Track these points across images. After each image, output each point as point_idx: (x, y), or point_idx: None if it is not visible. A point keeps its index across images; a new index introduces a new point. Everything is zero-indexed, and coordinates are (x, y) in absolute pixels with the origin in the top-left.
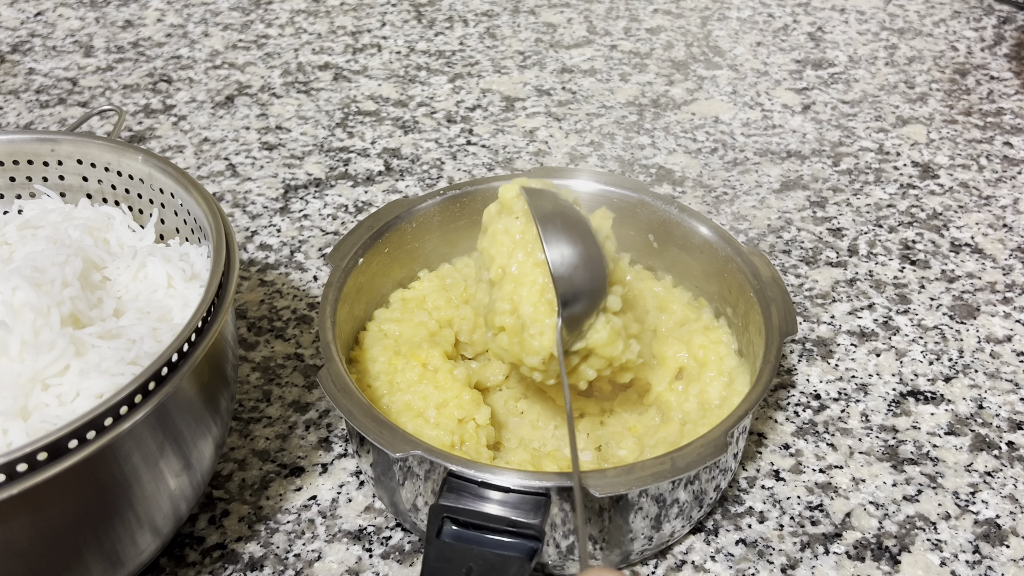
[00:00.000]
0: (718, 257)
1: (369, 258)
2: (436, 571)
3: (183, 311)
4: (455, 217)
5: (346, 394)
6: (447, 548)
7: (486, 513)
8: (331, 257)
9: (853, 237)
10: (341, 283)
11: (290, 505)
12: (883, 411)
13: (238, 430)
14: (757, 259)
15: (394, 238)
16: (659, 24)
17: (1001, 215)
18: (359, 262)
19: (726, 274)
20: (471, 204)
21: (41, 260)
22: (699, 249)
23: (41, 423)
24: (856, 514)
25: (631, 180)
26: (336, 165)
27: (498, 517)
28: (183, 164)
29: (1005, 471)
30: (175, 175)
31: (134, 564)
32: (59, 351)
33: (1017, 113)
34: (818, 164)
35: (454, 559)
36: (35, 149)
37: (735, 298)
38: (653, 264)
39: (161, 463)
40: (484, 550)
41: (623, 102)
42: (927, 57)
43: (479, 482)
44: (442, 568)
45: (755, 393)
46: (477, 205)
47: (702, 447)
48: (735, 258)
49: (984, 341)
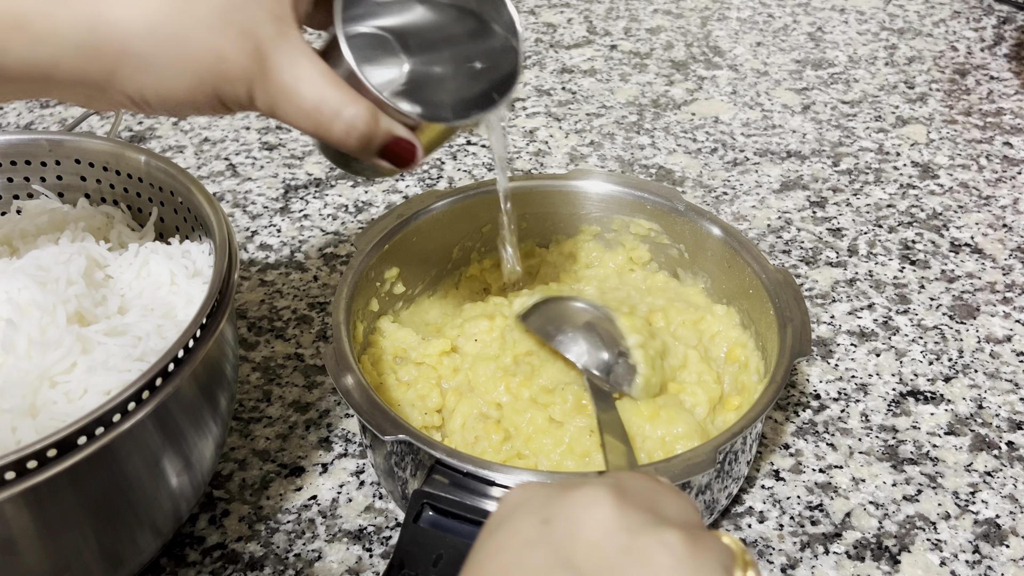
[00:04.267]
0: (746, 273)
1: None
2: (406, 555)
3: (187, 308)
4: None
5: (346, 373)
6: (421, 533)
7: (465, 503)
8: (357, 241)
9: (853, 237)
10: (363, 267)
11: (290, 505)
12: (883, 411)
13: (238, 430)
14: (782, 278)
15: (424, 227)
16: (659, 24)
17: (1001, 215)
18: (384, 247)
19: (752, 290)
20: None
21: (45, 258)
22: (727, 263)
23: (50, 420)
24: (856, 514)
25: (665, 188)
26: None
27: (477, 508)
28: (183, 164)
29: (1005, 471)
30: (175, 174)
31: (134, 563)
32: (66, 348)
33: (1017, 113)
34: (818, 164)
35: (426, 544)
36: (33, 149)
37: (758, 315)
38: (683, 275)
39: (162, 463)
40: (457, 539)
41: (623, 102)
42: (927, 57)
43: (464, 472)
44: (412, 552)
45: (754, 412)
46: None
47: (689, 460)
48: (761, 275)
49: (984, 341)
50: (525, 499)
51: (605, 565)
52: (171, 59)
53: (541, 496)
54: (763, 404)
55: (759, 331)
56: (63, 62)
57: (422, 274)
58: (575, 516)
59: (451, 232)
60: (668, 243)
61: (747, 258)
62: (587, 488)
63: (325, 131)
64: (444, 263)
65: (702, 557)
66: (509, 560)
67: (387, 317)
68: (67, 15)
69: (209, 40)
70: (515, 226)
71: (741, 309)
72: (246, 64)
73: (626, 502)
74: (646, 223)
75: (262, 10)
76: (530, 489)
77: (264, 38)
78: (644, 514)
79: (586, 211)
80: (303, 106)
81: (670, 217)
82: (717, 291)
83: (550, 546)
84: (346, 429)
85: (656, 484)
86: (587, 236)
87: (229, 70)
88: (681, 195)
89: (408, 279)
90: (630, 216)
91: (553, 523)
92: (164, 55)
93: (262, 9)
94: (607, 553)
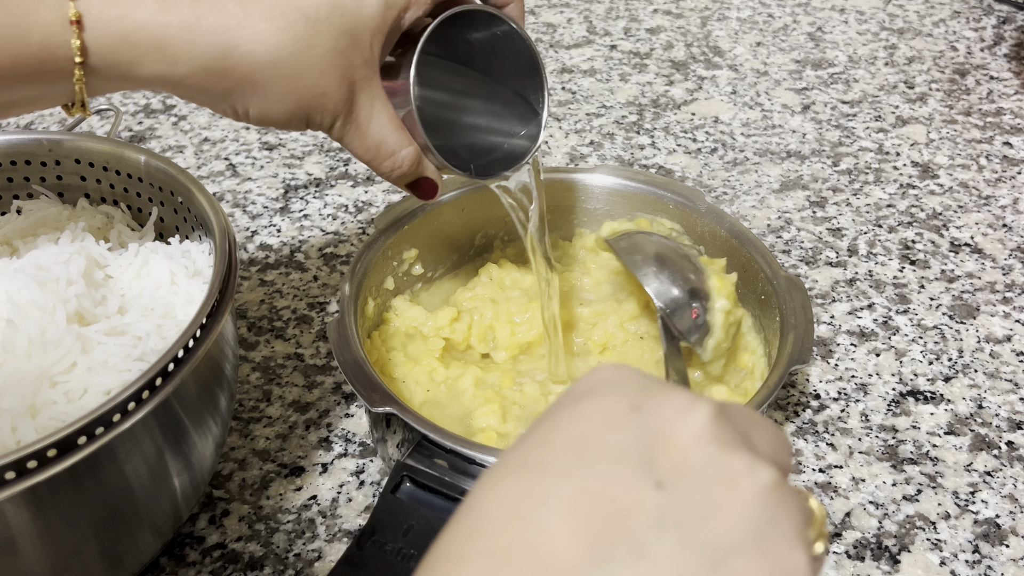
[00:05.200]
0: (759, 278)
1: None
2: (379, 523)
3: (187, 307)
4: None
5: (346, 346)
6: (396, 504)
7: (443, 479)
8: (377, 220)
9: (853, 237)
10: (380, 245)
11: (290, 505)
12: (883, 411)
13: (238, 430)
14: (794, 286)
15: (446, 211)
16: (659, 24)
17: (1001, 215)
18: (403, 228)
19: (763, 295)
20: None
21: (45, 258)
22: (742, 267)
23: (50, 420)
24: (856, 514)
25: (689, 187)
26: (336, 165)
27: (454, 485)
28: (183, 164)
29: (1005, 471)
30: (175, 174)
31: (135, 563)
32: (66, 348)
33: (1017, 113)
34: (818, 164)
35: (399, 515)
36: (33, 149)
37: (768, 320)
38: None
39: (162, 462)
40: (431, 512)
41: (623, 102)
42: (927, 57)
43: (447, 449)
44: (384, 521)
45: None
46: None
47: None
48: (772, 280)
49: (984, 341)
50: (619, 380)
51: (686, 471)
52: (283, 90)
53: (638, 383)
54: (753, 406)
55: (767, 338)
56: (190, 78)
57: (443, 258)
58: (668, 414)
59: (473, 219)
60: (688, 243)
61: (761, 263)
62: (688, 394)
63: (377, 164)
64: (466, 248)
65: (786, 503)
66: (587, 432)
67: (403, 296)
68: (204, 43)
69: (318, 80)
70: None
71: (753, 314)
72: (340, 102)
73: (724, 420)
74: (668, 222)
75: (360, 57)
76: (627, 372)
77: (357, 80)
78: (739, 436)
79: (610, 207)
80: (367, 143)
81: (691, 217)
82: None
83: (634, 435)
84: (346, 429)
85: (755, 415)
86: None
87: (326, 104)
88: (704, 196)
89: (427, 261)
90: (652, 215)
91: (643, 412)
92: (278, 86)
93: (360, 56)
94: (691, 459)
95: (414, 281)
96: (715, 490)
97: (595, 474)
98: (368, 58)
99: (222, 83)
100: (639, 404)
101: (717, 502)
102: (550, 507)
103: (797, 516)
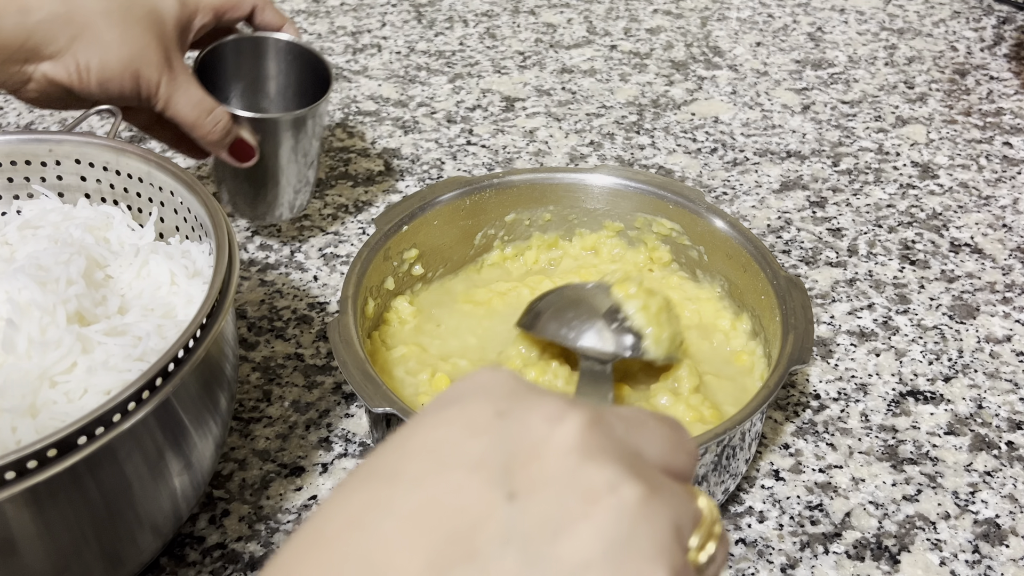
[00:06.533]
0: (759, 279)
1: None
2: None
3: (187, 308)
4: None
5: (347, 346)
6: None
7: None
8: (377, 220)
9: (853, 237)
10: (380, 245)
11: (290, 505)
12: (883, 411)
13: (238, 430)
14: (794, 286)
15: (446, 212)
16: (659, 24)
17: (1001, 215)
18: (403, 228)
19: (764, 296)
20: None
21: (45, 259)
22: (743, 268)
23: (50, 420)
24: (856, 514)
25: (689, 188)
26: (336, 165)
27: None
28: (183, 164)
29: (1005, 471)
30: (175, 174)
31: (135, 564)
32: (66, 348)
33: (1017, 113)
34: (818, 164)
35: None
36: (33, 149)
37: (768, 321)
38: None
39: (162, 462)
40: None
41: (623, 102)
42: (927, 57)
43: None
44: None
45: (740, 415)
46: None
47: None
48: (773, 281)
49: (984, 341)
50: (491, 384)
51: (543, 483)
52: (117, 38)
53: (508, 388)
54: (748, 410)
55: (767, 338)
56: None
57: (443, 258)
58: (534, 422)
59: (473, 219)
60: (688, 244)
61: (761, 263)
62: (560, 402)
63: (202, 121)
64: (466, 249)
65: (652, 513)
66: (446, 438)
67: (403, 297)
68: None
69: (141, 34)
70: None
71: (753, 315)
72: (161, 60)
73: (597, 428)
74: (668, 223)
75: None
76: (501, 377)
77: (169, 47)
78: (612, 445)
79: (610, 207)
80: (192, 99)
81: (691, 218)
82: (732, 295)
83: (494, 442)
84: (346, 429)
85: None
86: (610, 232)
87: (151, 57)
88: (704, 196)
89: (428, 261)
90: (652, 215)
91: (509, 419)
92: (112, 34)
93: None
94: (550, 471)
95: (414, 281)
96: (570, 504)
97: (446, 483)
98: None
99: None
100: (506, 410)
101: (571, 517)
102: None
103: (665, 529)
